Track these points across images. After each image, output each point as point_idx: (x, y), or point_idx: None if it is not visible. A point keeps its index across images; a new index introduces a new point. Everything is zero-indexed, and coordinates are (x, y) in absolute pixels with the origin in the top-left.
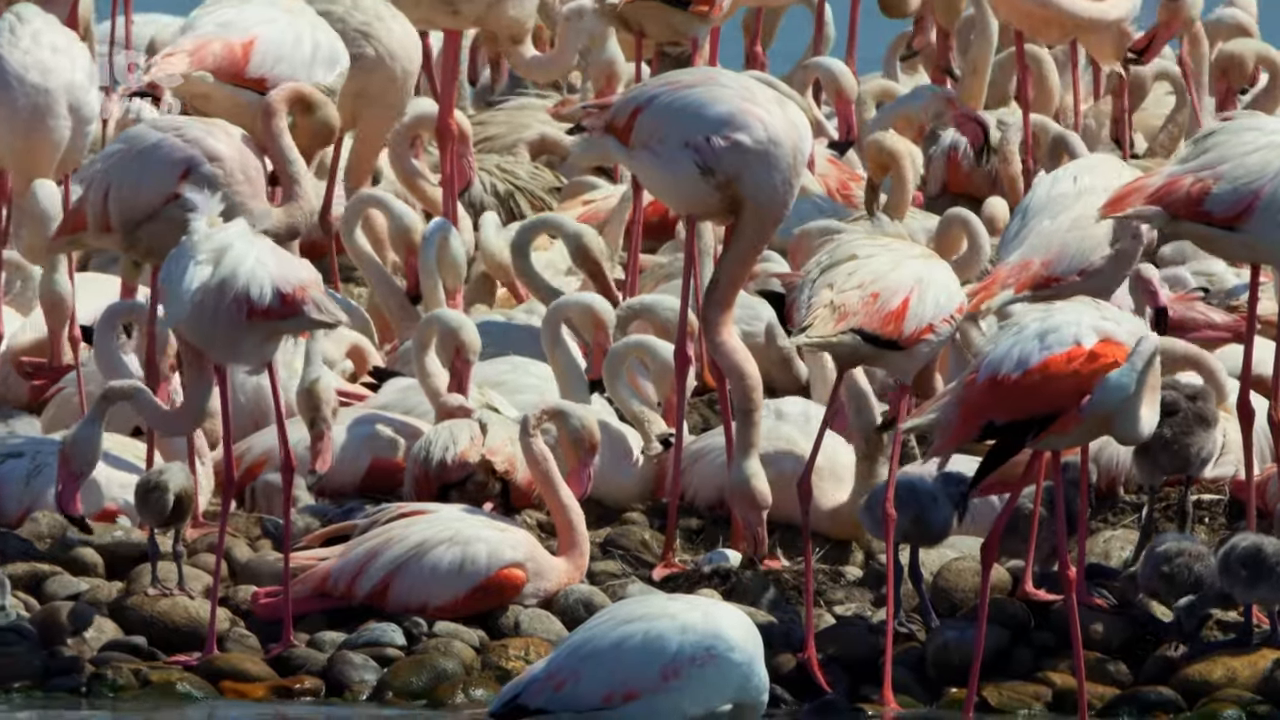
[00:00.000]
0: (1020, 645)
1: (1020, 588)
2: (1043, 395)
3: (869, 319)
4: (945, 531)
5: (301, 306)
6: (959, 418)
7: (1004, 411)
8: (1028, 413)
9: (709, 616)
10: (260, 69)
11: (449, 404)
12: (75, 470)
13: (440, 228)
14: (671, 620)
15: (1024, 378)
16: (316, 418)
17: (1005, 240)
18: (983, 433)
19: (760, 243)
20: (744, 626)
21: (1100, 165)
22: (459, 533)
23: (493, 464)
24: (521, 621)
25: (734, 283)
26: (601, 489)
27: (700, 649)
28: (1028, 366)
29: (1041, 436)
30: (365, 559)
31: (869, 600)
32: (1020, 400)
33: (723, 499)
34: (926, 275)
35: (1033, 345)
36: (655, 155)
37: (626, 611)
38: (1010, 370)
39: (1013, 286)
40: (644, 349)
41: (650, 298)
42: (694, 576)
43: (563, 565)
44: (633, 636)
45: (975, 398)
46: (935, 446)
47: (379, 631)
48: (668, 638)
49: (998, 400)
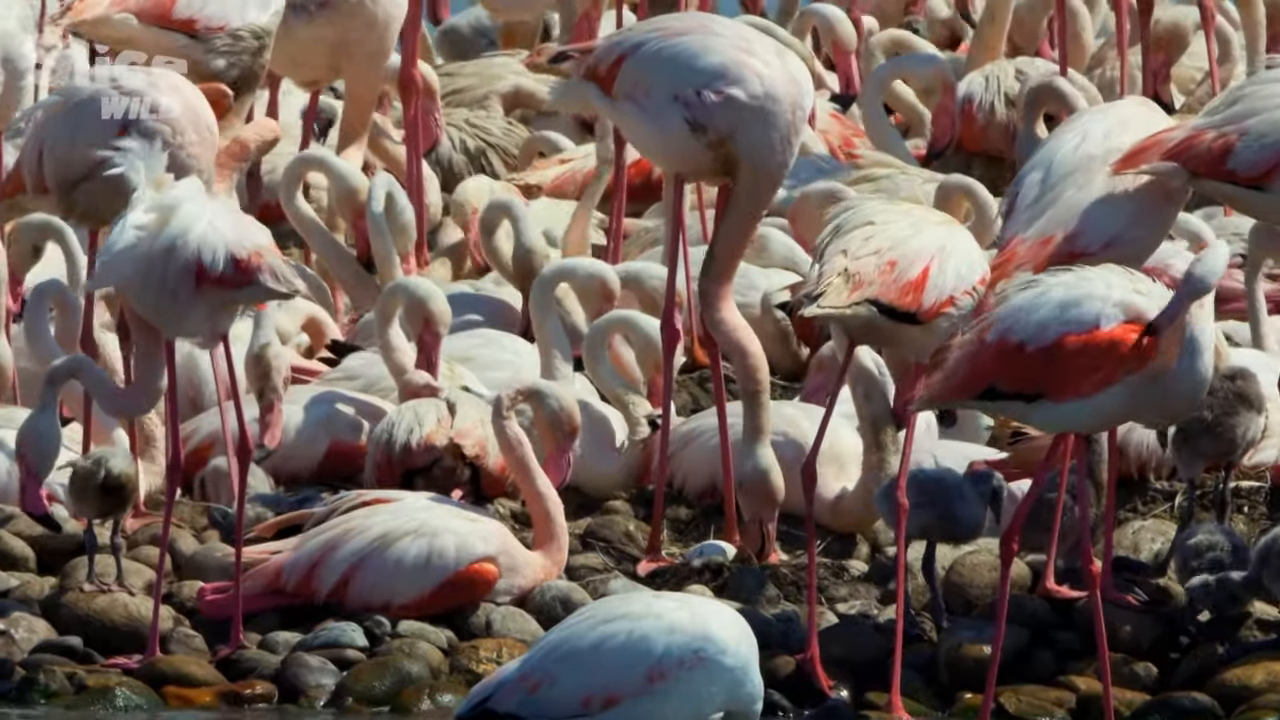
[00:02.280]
0: (1041, 647)
1: (1041, 584)
2: (1053, 371)
3: (886, 289)
4: (975, 532)
5: (257, 274)
6: (962, 374)
7: (1009, 380)
8: (1035, 387)
9: (698, 616)
10: (188, 9)
11: (414, 382)
12: (34, 467)
13: (384, 184)
14: (657, 620)
15: (1037, 351)
16: (266, 387)
17: (1021, 206)
18: (982, 395)
19: (758, 208)
20: (737, 627)
21: (1134, 119)
22: (425, 524)
23: (462, 448)
24: (493, 621)
25: (732, 253)
26: (582, 476)
27: (688, 651)
28: (1042, 341)
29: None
30: (322, 552)
31: (875, 597)
32: (1028, 372)
33: (714, 487)
34: (948, 243)
35: (1052, 315)
36: (640, 108)
37: (608, 610)
38: (1024, 339)
39: (1031, 265)
40: (627, 325)
41: (636, 265)
42: (683, 571)
43: (539, 560)
44: (615, 636)
45: (983, 358)
46: (931, 393)
47: (338, 631)
48: (653, 638)
49: (1005, 367)
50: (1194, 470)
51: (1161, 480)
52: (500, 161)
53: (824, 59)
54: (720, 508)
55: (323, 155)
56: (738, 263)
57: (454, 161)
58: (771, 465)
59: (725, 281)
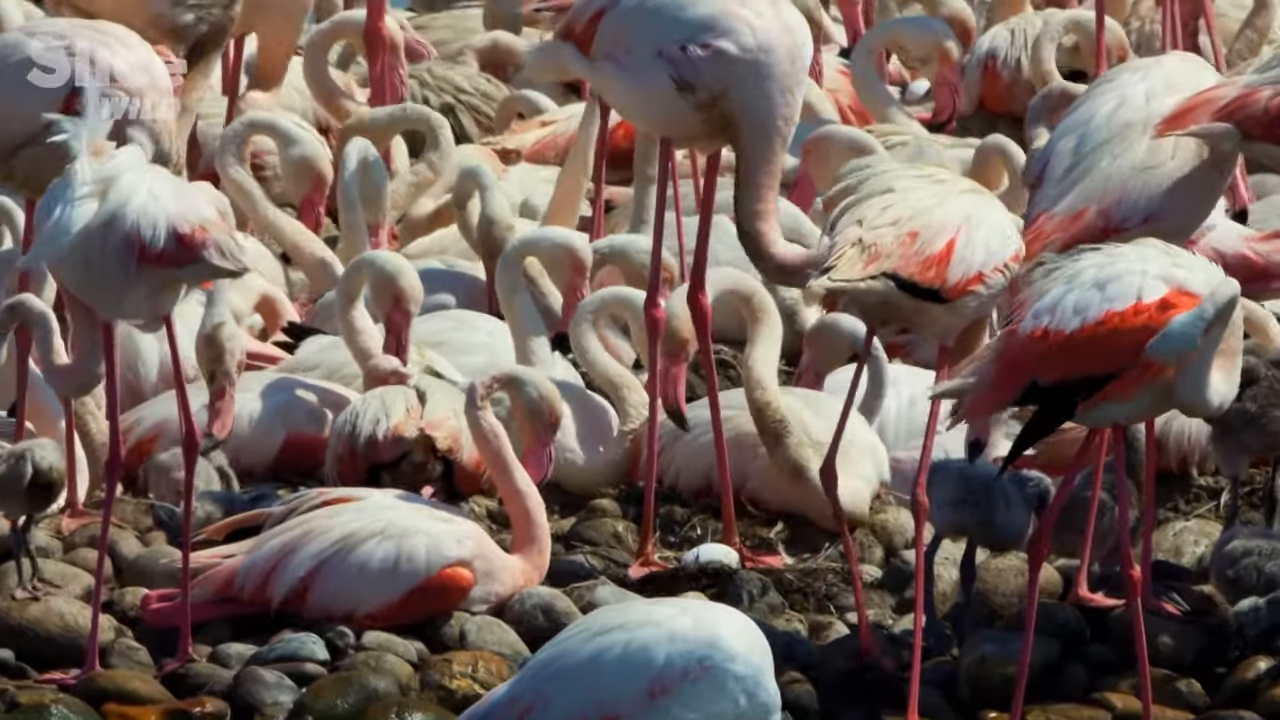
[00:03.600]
0: (1073, 660)
1: (1074, 591)
2: (1098, 355)
3: (906, 262)
4: (1017, 540)
5: (201, 250)
6: (996, 375)
7: (1051, 370)
8: (1080, 373)
9: (703, 622)
10: None
11: (381, 367)
12: None
13: (358, 149)
14: (657, 628)
15: (1078, 333)
16: (218, 371)
17: (1051, 177)
18: (1023, 395)
19: (771, 167)
20: (747, 631)
21: (1179, 78)
22: (392, 524)
23: (434, 441)
24: (468, 631)
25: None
26: (565, 471)
27: (693, 660)
28: (1084, 320)
29: (1095, 403)
30: (279, 556)
31: (890, 606)
32: (1071, 359)
33: (711, 484)
34: (976, 214)
35: (1091, 295)
36: (621, 68)
37: (602, 620)
38: (1062, 323)
39: (1060, 241)
40: (624, 304)
41: (621, 238)
42: (677, 577)
43: (518, 564)
44: (611, 649)
45: (1017, 352)
46: (965, 409)
47: (296, 643)
48: (653, 648)
49: (1044, 357)
50: (1237, 466)
51: (1205, 476)
52: (472, 121)
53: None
54: (716, 507)
55: (271, 118)
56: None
57: None
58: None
59: (767, 217)
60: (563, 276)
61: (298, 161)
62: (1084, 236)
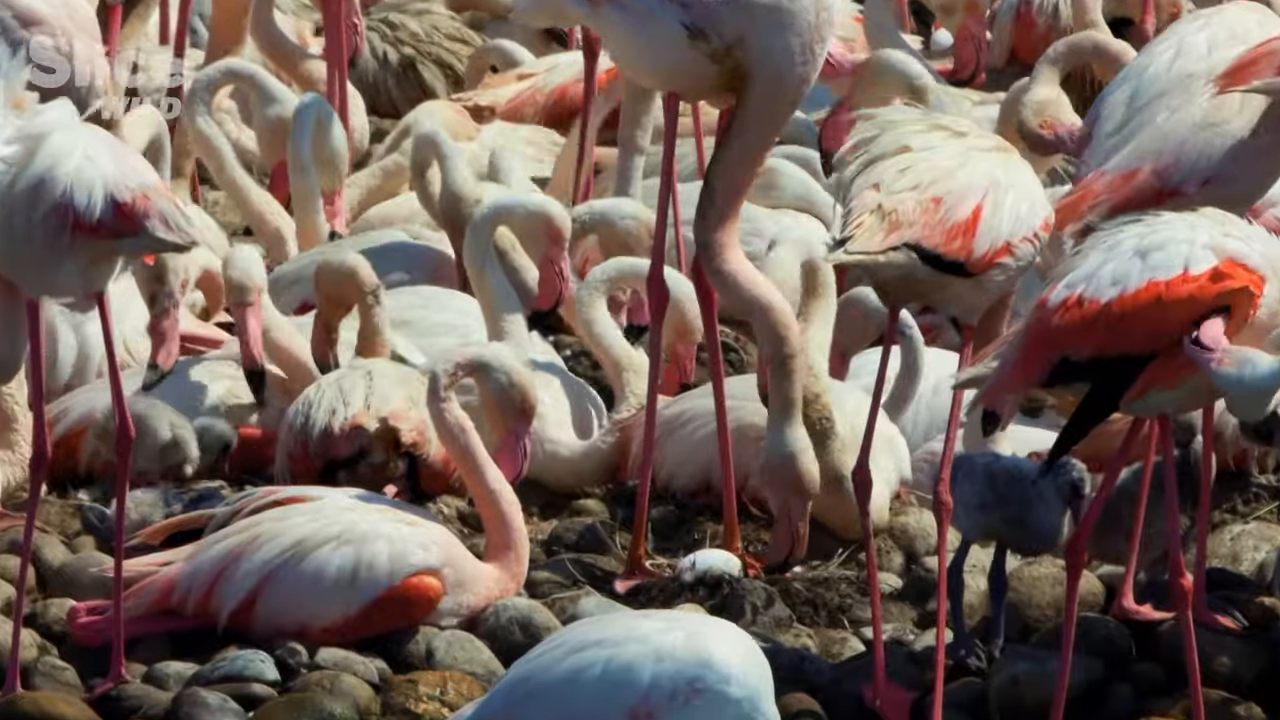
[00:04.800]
0: (1118, 680)
1: (1117, 602)
2: (1138, 331)
3: (930, 232)
4: (1052, 541)
5: (143, 220)
6: (1023, 351)
7: (1084, 344)
8: (1117, 351)
9: (694, 637)
10: None
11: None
12: None
13: (314, 106)
14: (642, 645)
15: (1116, 304)
16: (160, 292)
17: (1101, 132)
18: (1054, 373)
19: (769, 133)
20: (744, 650)
21: (1246, 27)
22: (351, 528)
23: (396, 434)
24: (436, 648)
25: (736, 189)
26: (545, 467)
27: (682, 681)
28: (1123, 290)
29: (1137, 394)
30: (223, 564)
31: (911, 619)
32: (1107, 333)
33: (709, 483)
34: (1004, 177)
35: (1132, 264)
36: (626, 11)
37: (581, 635)
38: (1097, 292)
39: (1109, 203)
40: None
41: (603, 204)
42: (671, 587)
43: (492, 573)
44: (590, 667)
45: (1047, 325)
46: (988, 389)
47: (242, 662)
48: (639, 667)
49: (1077, 329)
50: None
51: (1267, 474)
52: (436, 76)
53: None
54: (716, 508)
55: (254, 69)
56: (741, 202)
57: (378, 77)
58: (799, 447)
59: (729, 226)
60: (539, 247)
61: (275, 123)
62: (1136, 199)
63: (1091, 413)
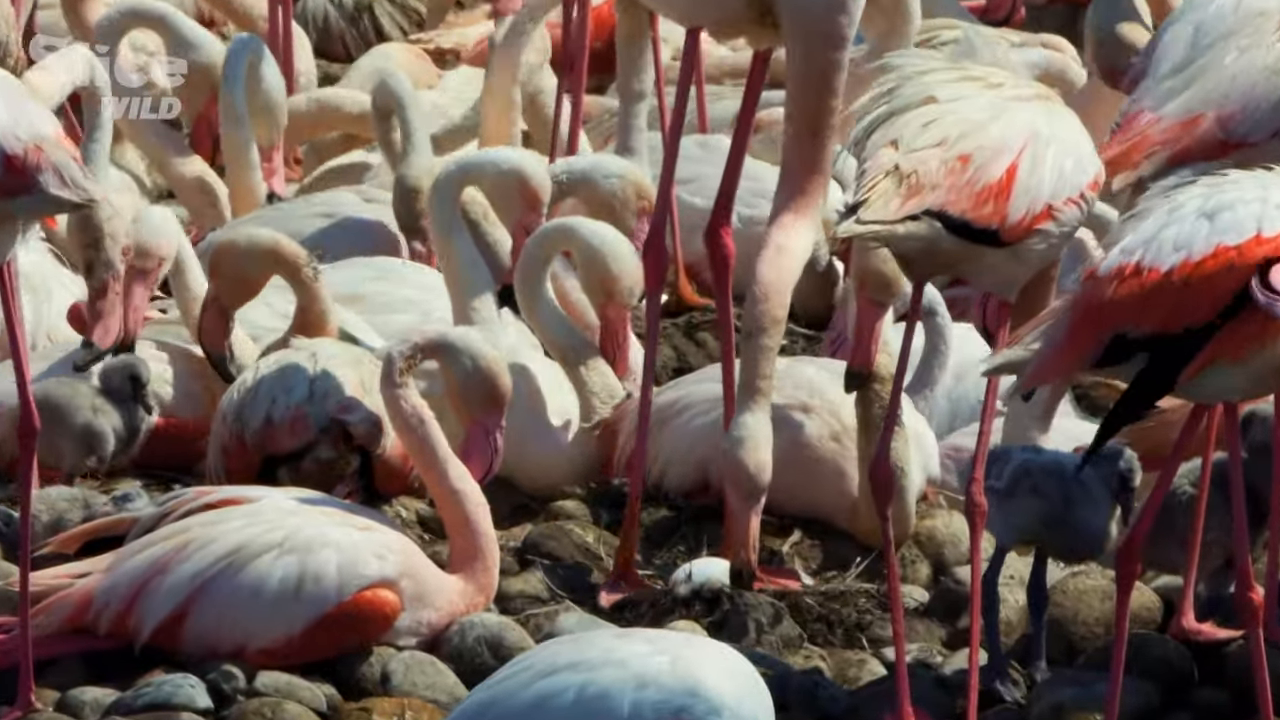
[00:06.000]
0: (1176, 708)
1: (1176, 619)
2: (1203, 301)
3: (956, 196)
4: (1099, 545)
5: (36, 175)
6: (1071, 327)
7: (1142, 318)
8: (1181, 324)
9: (681, 662)
10: None
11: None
12: None
13: (248, 48)
14: (621, 669)
15: (1179, 271)
16: (96, 259)
17: (1158, 72)
18: (1106, 351)
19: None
20: (739, 676)
21: None
22: (295, 535)
23: (347, 426)
24: (393, 672)
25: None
26: (518, 464)
27: (667, 712)
28: (1188, 255)
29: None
30: (147, 575)
31: (939, 638)
32: (1170, 305)
33: (707, 481)
34: (1044, 129)
35: (1197, 227)
36: None
37: (552, 657)
38: (1158, 259)
39: (1168, 152)
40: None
41: (584, 160)
42: (663, 602)
43: (456, 585)
44: (561, 694)
45: (1099, 297)
46: (1031, 373)
47: (170, 687)
48: (616, 694)
49: (1136, 301)
50: None
51: None
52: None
53: None
54: (716, 510)
55: (163, 9)
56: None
57: (328, 17)
58: (748, 437)
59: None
60: (513, 212)
61: (193, 71)
62: (1196, 150)
63: (1144, 393)
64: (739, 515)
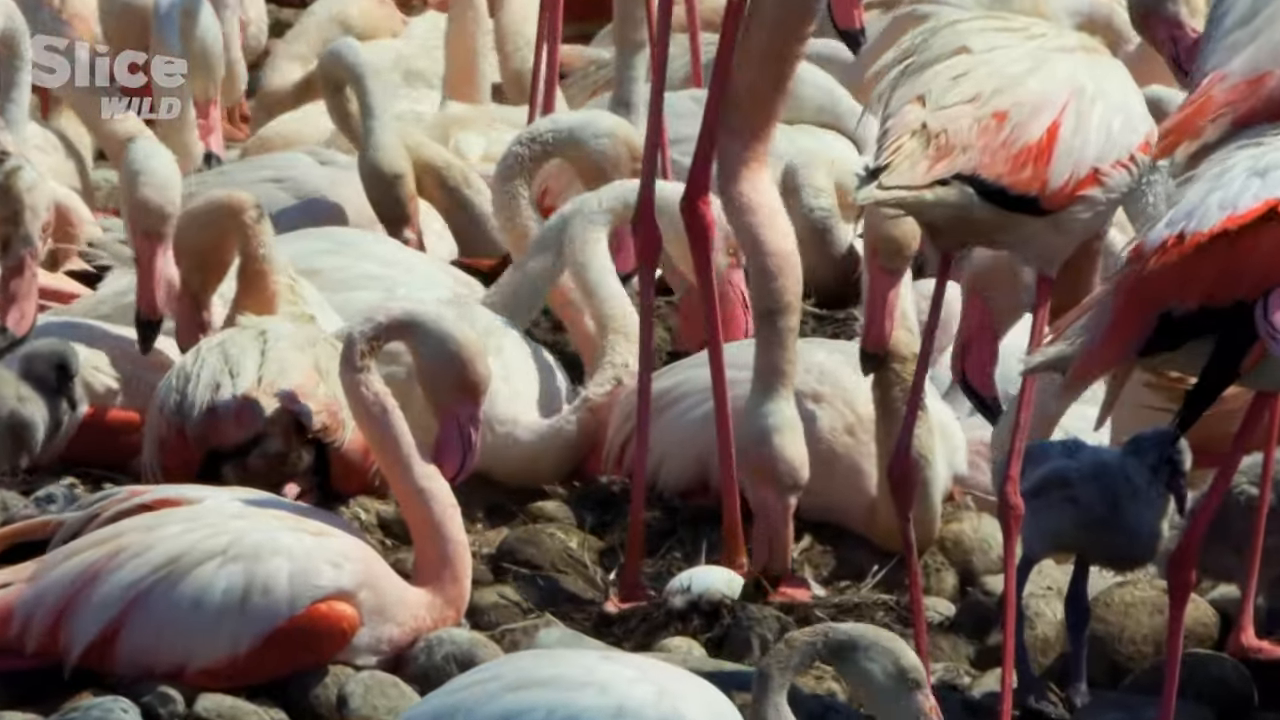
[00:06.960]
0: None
1: (1234, 636)
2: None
3: (989, 158)
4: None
5: None
6: (1115, 312)
7: (1188, 291)
8: (1231, 294)
9: (668, 699)
10: None
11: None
12: None
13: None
14: (601, 694)
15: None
16: (14, 235)
17: (1222, 29)
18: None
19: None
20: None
21: None
22: (240, 540)
23: (299, 415)
24: (351, 694)
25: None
26: (493, 457)
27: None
28: (1234, 212)
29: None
30: (76, 586)
31: (966, 656)
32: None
33: (706, 480)
34: (1089, 83)
35: (1247, 184)
36: None
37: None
38: (1203, 222)
39: (1233, 114)
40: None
41: (569, 118)
42: (656, 615)
43: (422, 598)
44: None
45: (1143, 273)
46: (1077, 367)
47: (100, 711)
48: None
49: (1178, 271)
50: None
51: None
52: None
53: None
54: (714, 512)
55: None
56: (776, 107)
57: None
58: (782, 425)
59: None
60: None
61: (119, 12)
62: (1264, 111)
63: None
64: (775, 516)
